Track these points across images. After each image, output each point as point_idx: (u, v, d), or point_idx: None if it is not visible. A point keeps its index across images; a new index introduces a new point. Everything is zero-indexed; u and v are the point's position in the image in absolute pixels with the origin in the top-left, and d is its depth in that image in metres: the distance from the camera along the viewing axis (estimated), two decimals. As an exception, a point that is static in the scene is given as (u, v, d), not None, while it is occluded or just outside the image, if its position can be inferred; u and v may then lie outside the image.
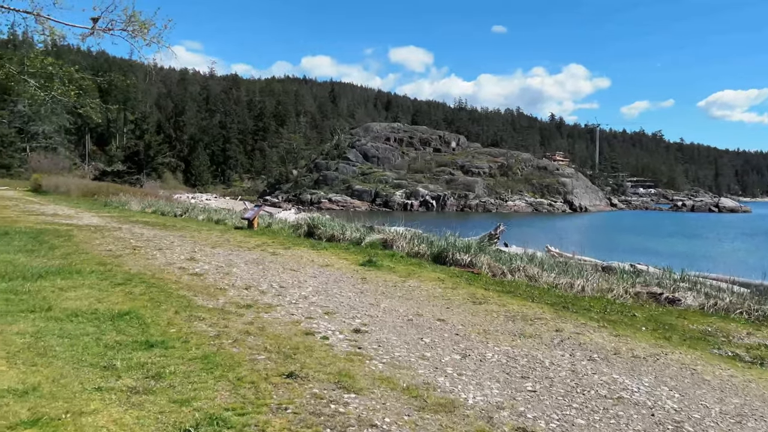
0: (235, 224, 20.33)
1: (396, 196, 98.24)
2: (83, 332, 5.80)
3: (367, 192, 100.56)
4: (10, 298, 6.99)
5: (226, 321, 6.74)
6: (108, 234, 15.57)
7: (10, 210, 23.82)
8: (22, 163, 70.91)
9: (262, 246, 14.29)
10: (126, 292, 7.80)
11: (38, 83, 11.80)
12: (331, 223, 17.45)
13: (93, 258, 10.88)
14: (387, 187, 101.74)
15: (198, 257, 12.03)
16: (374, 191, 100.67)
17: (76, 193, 40.12)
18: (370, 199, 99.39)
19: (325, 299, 8.56)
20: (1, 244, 11.79)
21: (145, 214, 25.30)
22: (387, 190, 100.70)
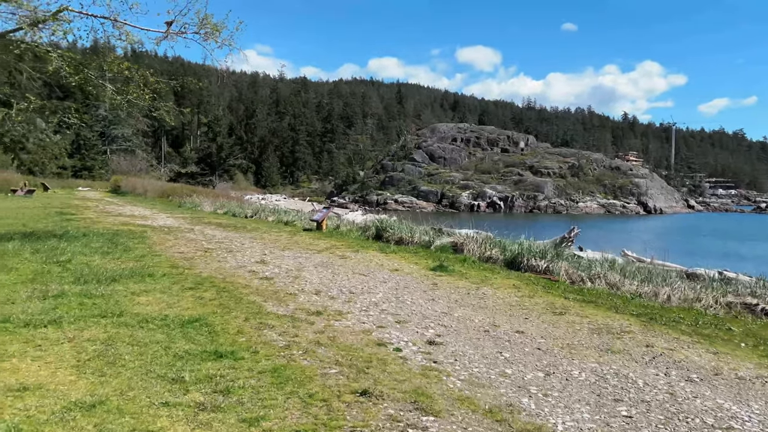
0: (304, 226, 20.33)
1: (462, 197, 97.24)
2: (153, 340, 5.69)
3: (433, 193, 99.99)
4: (84, 302, 7.00)
5: (296, 329, 6.52)
6: (180, 236, 15.79)
7: (91, 211, 24.72)
8: (103, 165, 74.11)
9: (330, 249, 14.14)
10: (196, 297, 7.71)
11: (115, 87, 12.00)
12: (399, 225, 17.14)
13: (165, 260, 10.95)
14: (453, 188, 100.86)
15: (268, 260, 11.96)
16: (440, 192, 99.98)
17: (152, 194, 41.47)
18: (436, 200, 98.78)
19: (396, 306, 8.25)
20: (80, 245, 12.05)
21: (217, 215, 25.74)
22: (453, 191, 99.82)
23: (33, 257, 10.46)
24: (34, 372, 4.72)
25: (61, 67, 10.61)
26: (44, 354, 5.14)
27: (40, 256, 10.58)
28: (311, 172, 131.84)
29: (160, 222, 20.25)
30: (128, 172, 61.99)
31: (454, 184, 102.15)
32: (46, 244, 11.98)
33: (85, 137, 72.76)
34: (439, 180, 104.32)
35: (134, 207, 29.23)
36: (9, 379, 4.55)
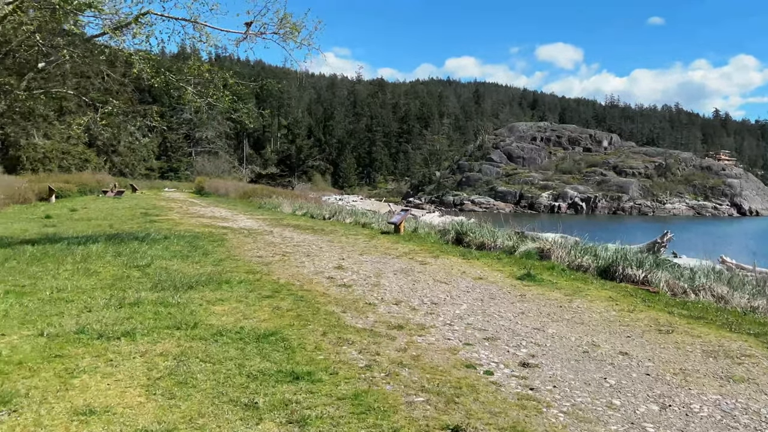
0: (382, 228, 19.96)
1: (542, 198, 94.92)
2: (227, 356, 5.35)
3: (512, 194, 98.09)
4: (159, 311, 6.79)
5: (376, 346, 6.05)
6: (259, 238, 15.71)
7: (174, 212, 25.29)
8: (188, 167, 76.80)
9: (409, 254, 13.65)
10: (273, 307, 7.38)
11: (195, 89, 11.96)
12: (481, 229, 16.45)
13: (243, 265, 10.77)
14: (532, 188, 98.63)
15: (346, 265, 11.60)
16: (519, 193, 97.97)
17: (233, 195, 42.34)
18: (515, 200, 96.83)
19: (482, 320, 7.65)
20: (160, 248, 12.09)
21: (295, 216, 25.79)
22: (532, 191, 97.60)
23: (115, 260, 10.51)
24: (103, 391, 4.45)
25: (143, 70, 10.63)
26: (115, 370, 4.89)
27: (121, 259, 10.63)
28: (387, 172, 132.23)
29: (240, 224, 20.38)
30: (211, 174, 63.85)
31: (533, 184, 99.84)
32: (128, 246, 12.09)
33: (172, 140, 75.64)
34: (518, 180, 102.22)
35: (216, 208, 29.78)
36: (77, 399, 4.29)
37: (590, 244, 13.91)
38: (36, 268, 9.44)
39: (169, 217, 21.95)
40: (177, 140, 78.44)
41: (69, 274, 9.13)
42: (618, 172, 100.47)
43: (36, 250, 11.23)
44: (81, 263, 10.02)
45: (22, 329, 5.94)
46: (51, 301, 7.23)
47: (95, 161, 60.80)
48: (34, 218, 21.75)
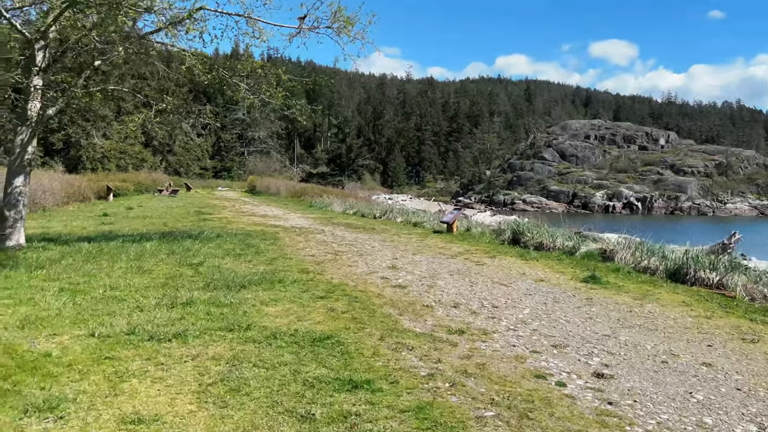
0: (434, 228, 19.56)
1: (596, 198, 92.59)
2: (281, 361, 5.07)
3: (564, 193, 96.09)
4: (212, 311, 6.58)
5: (438, 352, 5.68)
6: (311, 237, 15.53)
7: (227, 211, 25.45)
8: (241, 166, 77.94)
9: (465, 254, 13.22)
10: (328, 309, 7.09)
11: (248, 86, 11.82)
12: (539, 229, 15.86)
13: (296, 264, 10.55)
14: (586, 187, 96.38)
15: (399, 265, 11.25)
16: (572, 192, 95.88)
17: (285, 193, 42.58)
18: (567, 200, 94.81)
19: (548, 326, 7.18)
20: (213, 246, 12.00)
21: (346, 215, 25.62)
22: (586, 190, 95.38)
23: (168, 258, 10.44)
24: (153, 398, 4.22)
25: (194, 65, 10.53)
26: (165, 375, 4.66)
27: (174, 257, 10.55)
28: (437, 171, 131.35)
29: (291, 222, 20.29)
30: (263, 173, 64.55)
31: (586, 183, 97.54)
32: (181, 244, 12.04)
33: (225, 140, 76.89)
34: (571, 179, 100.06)
35: (268, 207, 29.90)
36: (125, 405, 4.06)
37: (657, 245, 13.18)
38: (91, 266, 9.43)
39: (222, 216, 22.05)
40: (230, 140, 79.68)
41: (122, 272, 9.08)
42: (676, 170, 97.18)
43: (92, 248, 11.27)
44: (134, 261, 9.98)
45: (73, 329, 5.81)
46: (103, 299, 7.13)
47: (151, 160, 62.29)
48: (92, 216, 22.20)
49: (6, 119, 10.32)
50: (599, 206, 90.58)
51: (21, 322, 6.00)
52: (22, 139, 10.57)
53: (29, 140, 10.68)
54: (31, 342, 5.29)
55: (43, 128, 11.38)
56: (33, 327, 5.85)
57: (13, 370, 4.61)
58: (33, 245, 11.31)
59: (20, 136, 10.56)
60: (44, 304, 6.76)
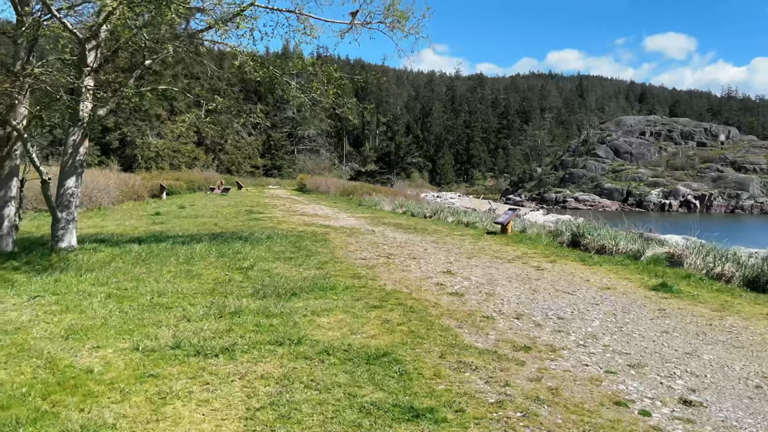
0: (487, 228, 18.96)
1: (651, 196, 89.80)
2: (334, 381, 4.67)
3: (618, 191, 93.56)
4: (261, 322, 6.23)
5: (504, 373, 5.18)
6: (362, 238, 15.17)
7: (278, 210, 25.37)
8: (291, 164, 78.53)
9: (522, 257, 12.62)
10: (382, 320, 6.66)
11: (299, 84, 11.52)
12: (600, 230, 15.09)
13: (347, 269, 10.17)
14: (641, 185, 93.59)
15: (454, 269, 10.76)
16: (626, 190, 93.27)
17: (334, 192, 42.48)
18: (621, 198, 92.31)
19: (621, 341, 6.59)
20: (263, 249, 11.74)
21: (396, 214, 25.23)
22: (641, 188, 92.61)
23: (217, 261, 10.22)
24: (197, 424, 3.88)
25: (246, 62, 10.28)
26: (211, 397, 4.31)
27: (224, 260, 10.33)
28: (486, 169, 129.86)
29: (341, 222, 20.00)
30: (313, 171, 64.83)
31: (641, 181, 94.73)
32: (231, 247, 11.84)
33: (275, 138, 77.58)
34: (625, 177, 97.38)
35: (318, 205, 29.75)
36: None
37: (729, 249, 12.31)
38: (139, 269, 9.27)
39: (273, 215, 21.93)
40: (280, 138, 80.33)
41: (171, 276, 8.87)
42: (737, 168, 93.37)
43: (142, 250, 11.16)
44: (184, 264, 9.78)
45: (118, 340, 5.55)
46: (150, 307, 6.89)
47: (204, 159, 63.22)
48: (144, 215, 22.41)
49: (58, 120, 10.25)
50: (654, 205, 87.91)
51: (66, 332, 5.79)
52: (74, 140, 10.51)
53: (81, 141, 10.63)
54: (73, 355, 5.04)
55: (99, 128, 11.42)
56: (77, 337, 5.62)
57: (54, 388, 4.35)
58: (84, 247, 11.28)
59: (72, 137, 10.51)
60: (90, 312, 6.56)
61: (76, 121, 10.31)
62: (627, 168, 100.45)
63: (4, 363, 4.93)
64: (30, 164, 10.25)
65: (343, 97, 11.73)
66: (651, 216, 67.54)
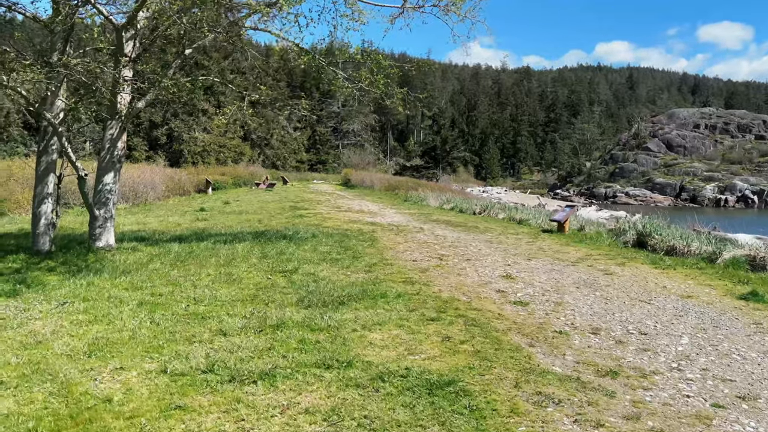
0: (542, 226, 17.94)
1: (706, 191, 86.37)
2: (393, 419, 3.90)
3: (671, 185, 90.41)
4: (306, 338, 5.50)
5: (594, 408, 4.33)
6: (410, 236, 14.40)
7: (323, 206, 24.78)
8: (335, 159, 78.31)
9: (586, 259, 11.64)
10: (442, 336, 5.86)
11: (346, 74, 10.79)
12: (668, 229, 13.95)
13: (398, 272, 9.40)
14: (695, 180, 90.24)
15: (514, 273, 9.88)
16: (679, 185, 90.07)
17: (379, 187, 41.79)
18: (674, 193, 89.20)
19: (719, 363, 5.65)
20: (308, 249, 11.07)
21: (443, 211, 24.37)
22: (695, 183, 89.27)
23: (260, 263, 9.58)
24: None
25: (290, 48, 9.61)
26: (246, 438, 3.60)
27: (266, 262, 9.68)
28: (533, 163, 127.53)
29: (388, 219, 19.26)
30: (357, 165, 64.29)
31: (695, 175, 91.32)
32: (275, 246, 11.20)
33: (320, 133, 77.48)
34: (678, 171, 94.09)
35: (363, 201, 29.10)
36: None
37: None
38: (177, 272, 8.69)
39: (317, 211, 21.34)
40: (325, 133, 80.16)
41: (210, 280, 8.26)
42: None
43: (182, 249, 10.63)
44: (224, 267, 9.17)
45: (144, 360, 4.91)
46: (185, 317, 6.26)
47: (250, 154, 63.36)
48: (189, 210, 22.12)
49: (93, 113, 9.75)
50: (709, 200, 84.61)
51: (89, 348, 5.19)
52: (111, 134, 10.02)
53: (119, 135, 10.13)
54: (93, 379, 4.42)
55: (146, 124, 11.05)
56: (100, 354, 5.01)
57: (65, 422, 3.72)
58: (123, 246, 10.81)
59: (110, 131, 10.02)
60: (119, 322, 5.97)
61: (113, 114, 9.81)
62: (680, 162, 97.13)
63: (14, 387, 4.34)
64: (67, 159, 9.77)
65: (392, 86, 10.94)
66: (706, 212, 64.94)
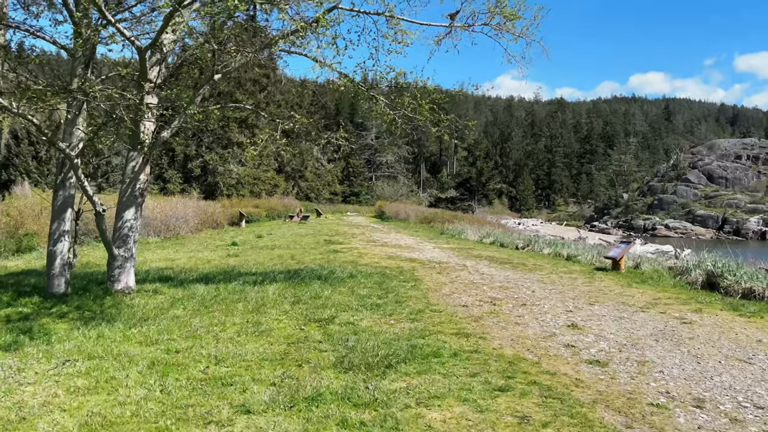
0: (593, 263, 16.65)
1: (750, 223, 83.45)
2: None
3: (713, 218, 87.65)
4: (347, 419, 4.39)
5: None
6: (454, 275, 13.27)
7: (357, 239, 23.80)
8: (369, 191, 77.78)
9: (655, 304, 10.35)
10: (517, 416, 4.68)
11: (387, 100, 9.85)
12: (742, 268, 12.54)
13: (448, 320, 8.26)
14: (737, 212, 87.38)
15: (579, 322, 8.67)
16: (721, 217, 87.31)
17: (414, 219, 40.79)
18: (716, 225, 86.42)
19: None
20: (345, 292, 10.00)
21: (483, 245, 23.17)
22: (738, 215, 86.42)
23: (292, 310, 8.53)
24: None
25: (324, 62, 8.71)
26: None
27: (300, 308, 8.63)
28: (568, 194, 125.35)
29: (427, 254, 18.15)
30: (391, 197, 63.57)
31: (738, 207, 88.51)
32: (309, 288, 10.17)
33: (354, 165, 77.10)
34: (720, 203, 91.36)
35: (398, 234, 28.05)
36: None
37: None
38: (200, 321, 7.70)
39: (353, 246, 20.33)
40: (359, 165, 79.85)
41: (236, 331, 7.24)
42: None
43: (207, 292, 9.67)
44: (252, 314, 8.15)
45: (145, 451, 3.88)
46: (203, 383, 5.23)
47: (284, 186, 63.02)
48: (221, 245, 21.37)
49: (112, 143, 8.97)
50: (754, 233, 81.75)
51: (80, 428, 4.18)
52: (133, 166, 9.20)
53: (142, 167, 9.29)
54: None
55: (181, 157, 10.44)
56: (91, 441, 3.99)
57: None
58: (144, 288, 9.89)
59: (131, 163, 9.19)
60: (123, 391, 4.97)
61: (135, 144, 8.98)
62: (722, 194, 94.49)
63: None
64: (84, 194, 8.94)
65: (439, 112, 9.94)
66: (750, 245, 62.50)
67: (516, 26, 9.20)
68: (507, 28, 9.26)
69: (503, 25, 9.24)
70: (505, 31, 9.25)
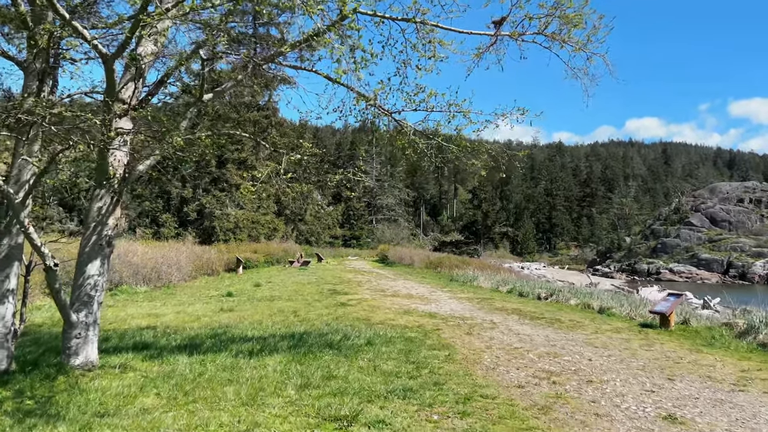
0: (631, 316, 14.69)
1: (756, 267, 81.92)
2: None
3: (718, 261, 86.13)
4: None
5: None
6: (487, 336, 11.24)
7: (365, 288, 21.75)
8: (369, 234, 75.93)
9: (748, 378, 8.32)
10: None
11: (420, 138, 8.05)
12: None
13: (509, 414, 6.14)
14: (742, 255, 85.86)
15: (671, 408, 6.66)
16: (726, 261, 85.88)
17: (419, 264, 38.81)
18: (721, 269, 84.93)
19: None
20: (366, 367, 7.89)
21: (501, 294, 21.15)
22: (743, 259, 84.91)
23: (300, 398, 6.42)
24: None
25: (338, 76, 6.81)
26: None
27: (309, 396, 6.49)
28: (569, 238, 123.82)
29: (445, 307, 16.11)
30: (391, 241, 61.66)
31: (743, 251, 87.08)
32: (318, 362, 8.09)
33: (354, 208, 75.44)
34: (724, 247, 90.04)
35: (407, 281, 25.97)
36: None
37: None
38: (174, 420, 5.60)
39: (361, 297, 18.25)
40: (359, 208, 78.23)
41: (223, 436, 5.19)
42: None
43: (190, 367, 7.61)
44: (246, 406, 6.03)
45: None
46: None
47: (283, 230, 61.03)
48: (215, 295, 19.41)
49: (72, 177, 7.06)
50: (760, 277, 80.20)
51: None
52: (99, 208, 7.23)
53: (110, 209, 7.33)
54: None
55: (176, 200, 8.69)
56: None
57: None
58: (111, 361, 7.81)
59: (97, 203, 7.23)
60: None
61: (101, 179, 7.06)
62: (726, 237, 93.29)
63: None
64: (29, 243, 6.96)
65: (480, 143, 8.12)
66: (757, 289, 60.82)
67: (573, 35, 7.42)
68: (564, 38, 7.46)
69: (560, 35, 7.45)
70: (564, 42, 7.46)
